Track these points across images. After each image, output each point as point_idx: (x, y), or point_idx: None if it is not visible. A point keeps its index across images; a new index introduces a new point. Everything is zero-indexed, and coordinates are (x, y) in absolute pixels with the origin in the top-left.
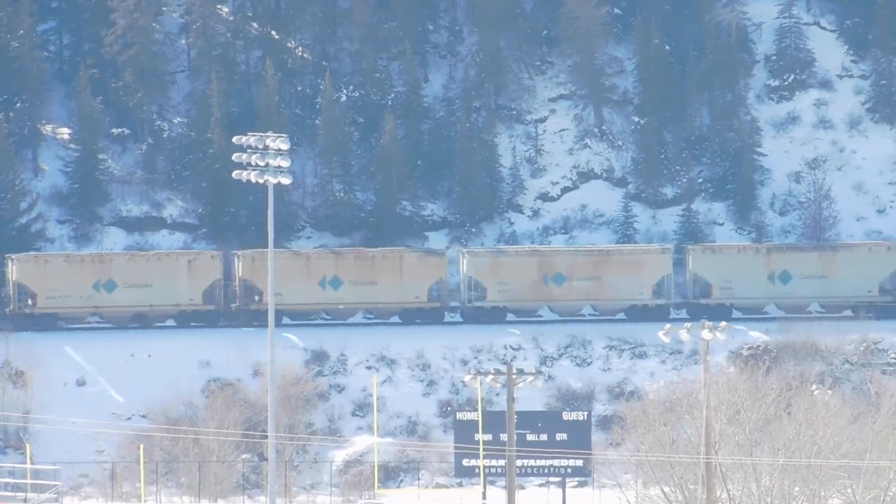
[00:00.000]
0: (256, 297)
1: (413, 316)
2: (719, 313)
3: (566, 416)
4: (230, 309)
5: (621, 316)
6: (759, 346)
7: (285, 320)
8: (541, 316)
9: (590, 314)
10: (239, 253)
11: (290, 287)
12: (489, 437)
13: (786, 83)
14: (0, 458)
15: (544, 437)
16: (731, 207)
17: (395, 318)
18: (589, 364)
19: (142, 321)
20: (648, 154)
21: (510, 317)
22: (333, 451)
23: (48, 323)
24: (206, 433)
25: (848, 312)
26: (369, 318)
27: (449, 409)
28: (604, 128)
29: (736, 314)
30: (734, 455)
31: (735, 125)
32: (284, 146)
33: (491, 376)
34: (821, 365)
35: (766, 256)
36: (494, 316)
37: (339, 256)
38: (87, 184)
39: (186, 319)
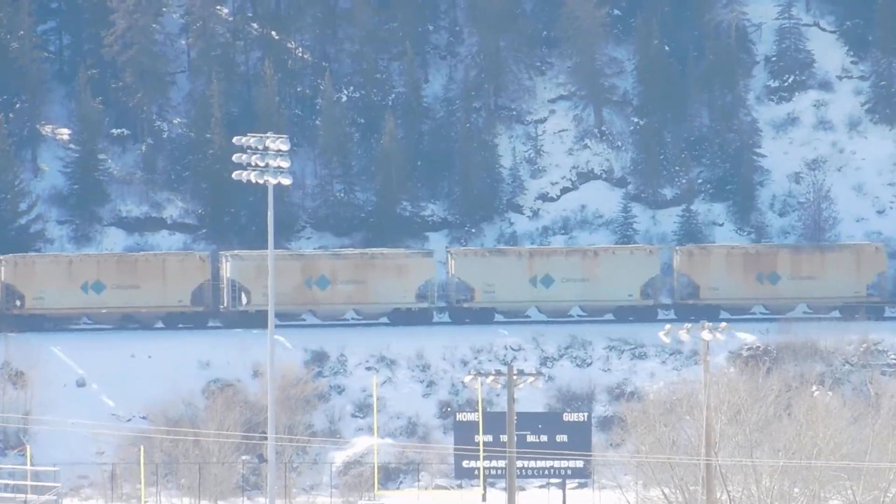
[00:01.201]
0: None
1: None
2: (481, 316)
3: (566, 417)
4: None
5: (384, 320)
6: (760, 346)
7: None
8: (303, 320)
9: (353, 318)
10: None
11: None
12: (489, 438)
13: (785, 84)
14: (0, 460)
15: (544, 438)
16: (731, 208)
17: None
18: (589, 365)
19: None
20: (648, 155)
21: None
22: (333, 452)
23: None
24: (206, 434)
25: (610, 316)
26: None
27: (449, 410)
28: (603, 128)
29: (498, 318)
30: (734, 456)
31: (735, 126)
32: (284, 147)
33: (491, 377)
34: (821, 366)
35: (528, 260)
36: (256, 321)
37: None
38: (86, 184)
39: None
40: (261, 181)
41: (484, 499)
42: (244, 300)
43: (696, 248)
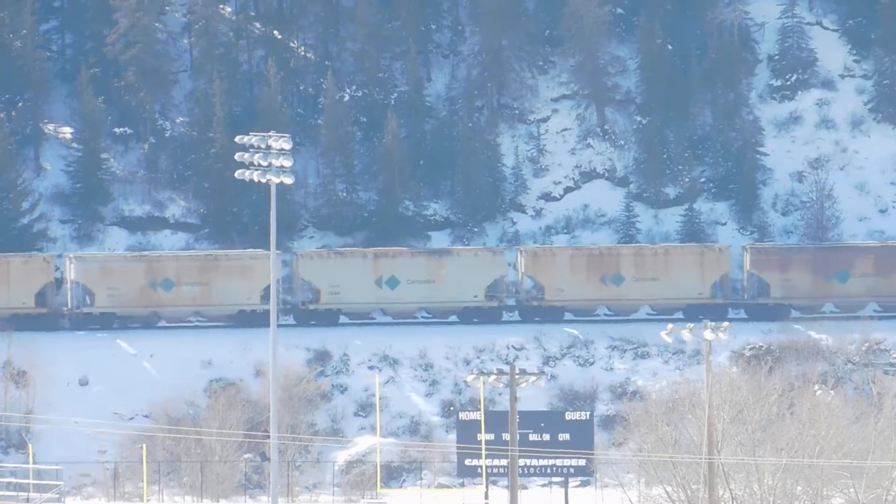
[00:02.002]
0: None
1: None
2: (326, 318)
3: (569, 416)
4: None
5: (231, 322)
6: (762, 346)
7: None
8: (150, 322)
9: (198, 320)
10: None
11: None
12: (491, 436)
13: (788, 83)
14: (2, 458)
15: (547, 436)
16: (734, 207)
17: None
18: (591, 364)
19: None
20: (651, 154)
21: (118, 323)
22: (336, 451)
23: (108, 322)
24: (209, 433)
25: (454, 318)
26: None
27: (451, 409)
28: (606, 127)
29: (343, 319)
30: (737, 455)
31: (737, 125)
32: (287, 146)
33: (494, 376)
34: (823, 365)
35: (373, 261)
36: (103, 322)
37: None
38: (89, 183)
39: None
40: (263, 180)
41: (486, 497)
42: (88, 302)
43: (541, 250)
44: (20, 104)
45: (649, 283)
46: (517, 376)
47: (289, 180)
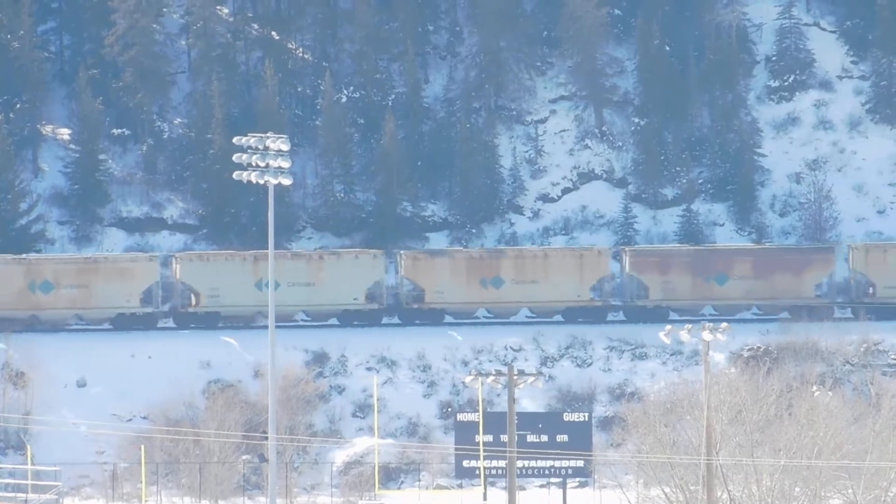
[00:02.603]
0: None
1: None
2: (206, 321)
3: (567, 417)
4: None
5: (107, 325)
6: (760, 347)
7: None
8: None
9: (77, 324)
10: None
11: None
12: (490, 438)
13: (786, 84)
14: (1, 459)
15: (545, 438)
16: (732, 208)
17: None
18: (589, 365)
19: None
20: (649, 155)
21: None
22: (334, 452)
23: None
24: (207, 434)
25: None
26: None
27: (449, 410)
28: (604, 128)
29: (223, 323)
30: (735, 456)
31: (735, 126)
32: (285, 147)
33: (492, 377)
34: (821, 366)
35: (253, 264)
36: None
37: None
38: (87, 185)
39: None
40: (261, 181)
41: (485, 498)
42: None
43: (421, 253)
44: (18, 105)
45: (529, 286)
46: (515, 377)
47: (287, 181)
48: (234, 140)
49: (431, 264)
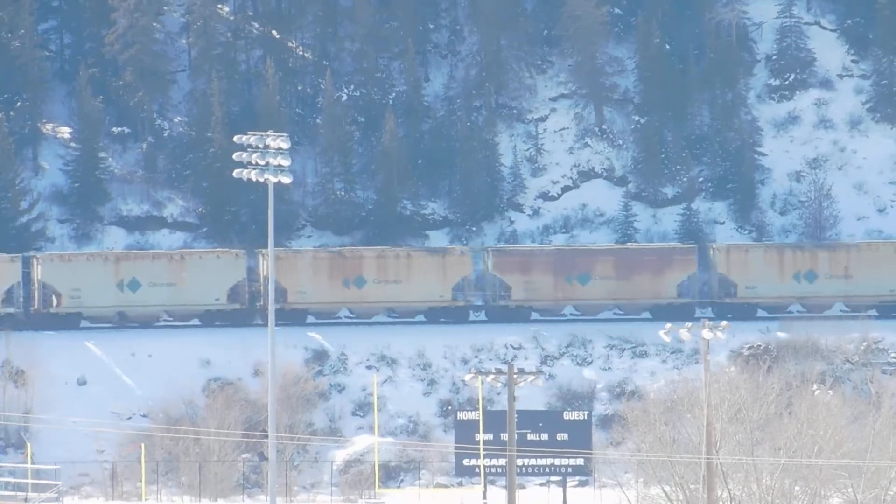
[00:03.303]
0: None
1: None
2: (67, 322)
3: (567, 415)
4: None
5: None
6: (760, 345)
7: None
8: None
9: None
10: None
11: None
12: (490, 436)
13: (786, 83)
14: (1, 458)
15: (545, 436)
16: (732, 207)
17: None
18: (589, 363)
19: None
20: (649, 153)
21: None
22: (334, 450)
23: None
24: (207, 433)
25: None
26: None
27: (449, 408)
28: (604, 127)
29: (85, 323)
30: (735, 454)
31: (735, 124)
32: (285, 145)
33: (492, 376)
34: (821, 364)
35: (115, 264)
36: None
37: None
38: (87, 183)
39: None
40: (261, 180)
41: (484, 497)
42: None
43: (283, 253)
44: (19, 104)
45: (391, 286)
46: (515, 376)
47: (287, 180)
48: (235, 138)
49: (294, 264)
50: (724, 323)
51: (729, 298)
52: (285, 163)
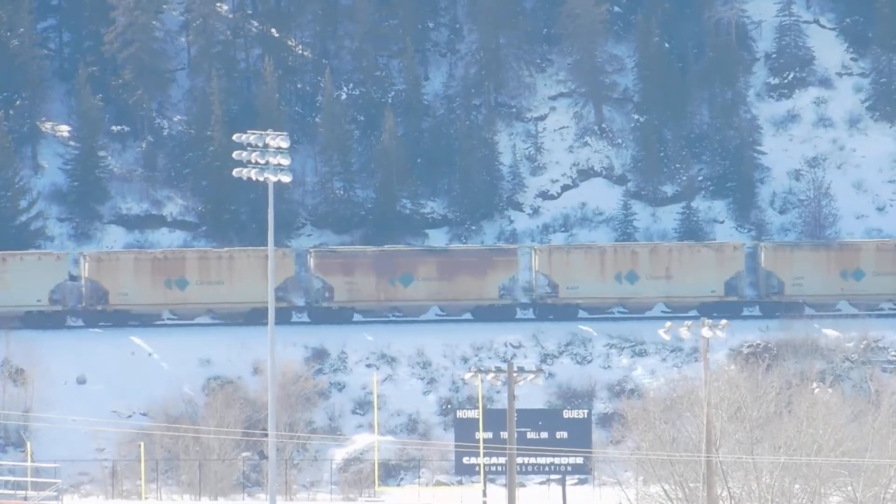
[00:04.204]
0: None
1: None
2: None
3: (566, 414)
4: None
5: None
6: (760, 343)
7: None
8: None
9: None
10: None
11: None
12: (489, 435)
13: (786, 81)
14: (0, 456)
15: (545, 434)
16: (732, 205)
17: None
18: (589, 362)
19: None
20: (648, 152)
21: None
22: (334, 449)
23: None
24: (207, 431)
25: None
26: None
27: (449, 406)
28: (604, 125)
29: None
30: (735, 453)
31: (735, 123)
32: (284, 144)
33: (492, 374)
34: (821, 363)
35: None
36: None
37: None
38: (86, 181)
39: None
40: (261, 178)
41: (484, 495)
42: None
43: (105, 254)
44: (18, 102)
45: (214, 287)
46: (515, 374)
47: (286, 178)
48: (234, 137)
49: (116, 265)
50: (724, 322)
51: (551, 299)
52: (285, 161)
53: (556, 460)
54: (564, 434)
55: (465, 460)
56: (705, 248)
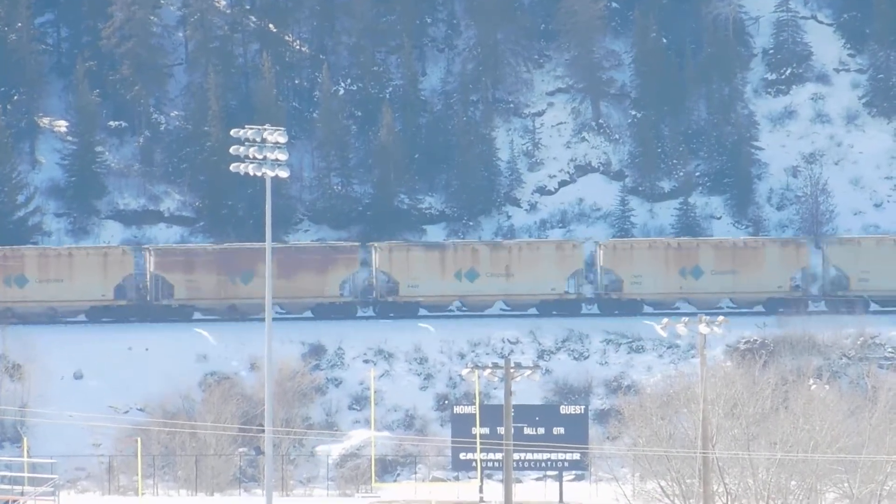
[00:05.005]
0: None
1: None
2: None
3: (563, 409)
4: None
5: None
6: (757, 339)
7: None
8: None
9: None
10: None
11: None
12: (486, 430)
13: (783, 77)
14: None
15: (541, 430)
16: (729, 201)
17: None
18: (586, 358)
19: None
20: (646, 148)
21: None
22: (330, 444)
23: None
24: (204, 427)
25: None
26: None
27: (446, 402)
28: (601, 121)
29: None
30: (731, 449)
31: (732, 119)
32: (282, 139)
33: (488, 370)
34: (818, 359)
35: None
36: None
37: None
38: (84, 177)
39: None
40: (258, 174)
41: (481, 491)
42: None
43: None
44: (15, 97)
45: (53, 285)
46: (512, 370)
47: (284, 174)
48: (232, 132)
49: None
50: (721, 318)
51: (392, 297)
52: (282, 157)
53: (553, 456)
54: (561, 430)
55: (462, 456)
56: (545, 245)
